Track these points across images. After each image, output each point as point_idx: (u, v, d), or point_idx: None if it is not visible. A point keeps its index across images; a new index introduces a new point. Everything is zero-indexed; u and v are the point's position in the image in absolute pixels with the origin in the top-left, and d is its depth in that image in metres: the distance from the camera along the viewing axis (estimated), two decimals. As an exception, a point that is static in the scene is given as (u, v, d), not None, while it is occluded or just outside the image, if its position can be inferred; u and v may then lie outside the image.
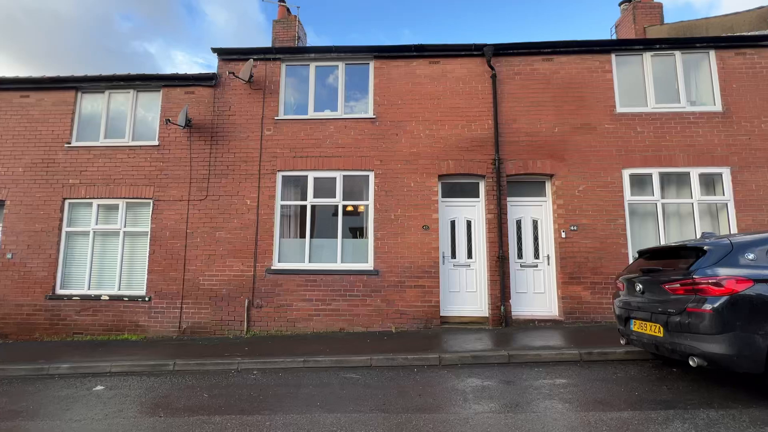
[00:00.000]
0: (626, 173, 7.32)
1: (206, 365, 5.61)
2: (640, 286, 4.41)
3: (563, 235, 7.19)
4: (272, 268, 7.38)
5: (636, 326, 4.50)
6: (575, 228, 7.19)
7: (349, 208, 7.67)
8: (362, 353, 5.71)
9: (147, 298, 7.40)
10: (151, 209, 7.70)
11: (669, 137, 7.34)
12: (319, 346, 6.20)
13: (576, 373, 4.77)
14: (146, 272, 7.51)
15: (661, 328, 4.03)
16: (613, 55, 7.67)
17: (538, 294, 7.36)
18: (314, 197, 7.61)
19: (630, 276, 4.74)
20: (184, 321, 7.34)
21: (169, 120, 7.72)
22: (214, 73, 7.96)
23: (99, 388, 4.88)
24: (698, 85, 7.65)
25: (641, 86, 7.62)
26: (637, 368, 4.86)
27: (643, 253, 4.97)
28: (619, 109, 7.50)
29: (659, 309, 4.05)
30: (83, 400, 4.45)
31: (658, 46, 7.60)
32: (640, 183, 7.38)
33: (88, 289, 7.61)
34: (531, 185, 7.71)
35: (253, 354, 5.95)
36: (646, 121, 7.42)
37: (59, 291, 7.61)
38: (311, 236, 7.54)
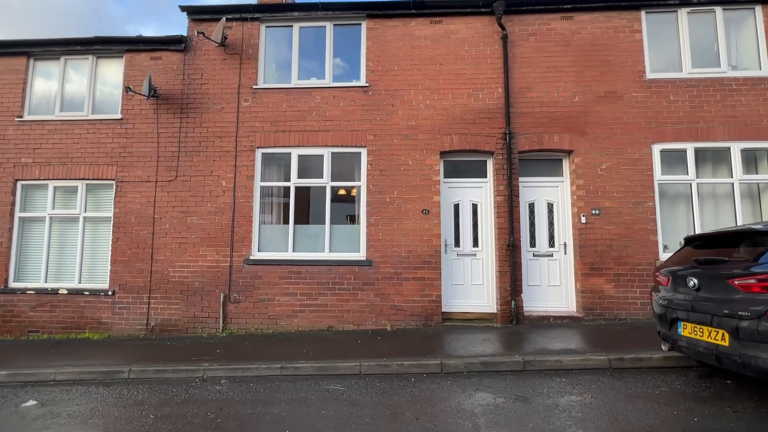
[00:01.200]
0: (656, 149, 6.36)
1: (167, 372, 4.76)
2: (695, 281, 3.51)
3: (583, 219, 6.27)
4: (251, 258, 6.50)
5: (686, 330, 3.61)
6: (597, 212, 6.27)
7: (341, 192, 6.75)
8: (350, 357, 4.86)
9: (110, 292, 6.54)
10: (113, 192, 6.78)
11: (707, 107, 6.35)
12: (303, 348, 5.36)
13: (608, 386, 3.91)
14: (109, 263, 6.63)
15: (727, 336, 3.15)
16: (643, 12, 6.62)
17: (553, 287, 6.48)
18: (299, 177, 6.68)
19: (678, 268, 3.84)
20: (153, 318, 6.49)
21: (129, 88, 6.73)
22: (182, 36, 6.94)
23: (30, 403, 4.04)
24: (742, 47, 6.61)
25: (675, 48, 6.60)
26: (682, 380, 4.00)
27: (691, 241, 4.06)
28: (650, 75, 6.50)
29: (725, 311, 3.16)
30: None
31: (695, 1, 6.54)
32: (672, 160, 6.42)
33: (45, 282, 6.75)
34: (546, 163, 6.76)
35: (224, 357, 5.10)
36: (681, 89, 6.42)
37: (12, 284, 6.75)
38: (295, 222, 6.63)
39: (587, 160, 6.38)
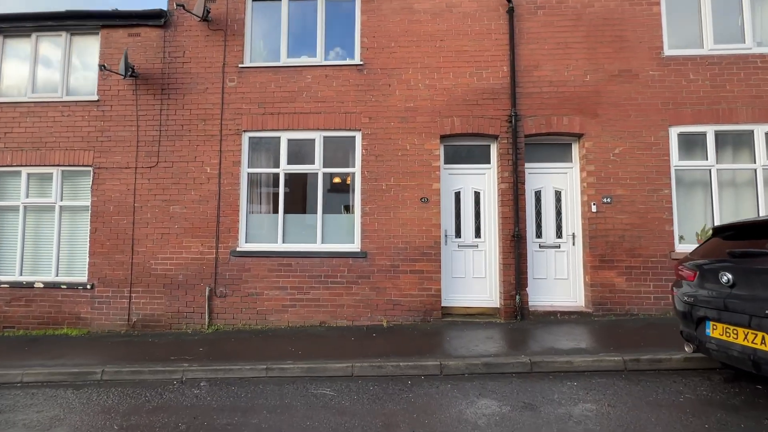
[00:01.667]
0: (674, 132, 5.89)
1: (143, 374, 4.39)
2: (728, 277, 3.10)
3: (594, 208, 5.84)
4: (238, 249, 6.09)
5: (717, 331, 3.21)
6: (609, 200, 5.83)
7: (336, 180, 6.30)
8: (342, 357, 4.49)
9: (89, 286, 6.15)
10: (91, 179, 6.34)
11: (729, 86, 5.87)
12: (292, 346, 4.98)
13: (625, 392, 3.53)
14: (87, 255, 6.22)
15: (769, 339, 2.75)
16: (661, -17, 6.09)
17: (561, 280, 6.08)
18: (288, 164, 6.23)
19: (706, 262, 3.42)
20: (134, 313, 6.11)
21: (104, 66, 6.24)
22: (162, 10, 6.41)
23: (-14, 410, 3.67)
24: (768, 21, 6.10)
25: (696, 23, 6.08)
26: (706, 384, 3.61)
27: (721, 231, 3.63)
28: (668, 52, 5.99)
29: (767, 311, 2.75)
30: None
31: (719, -30, 6.00)
32: (691, 144, 5.96)
33: (20, 275, 6.35)
34: (554, 148, 6.30)
35: (207, 357, 4.73)
36: (702, 66, 5.92)
37: (-15, 277, 6.36)
38: (285, 211, 6.20)
39: (599, 145, 5.92)
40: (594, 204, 5.84)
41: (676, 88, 5.91)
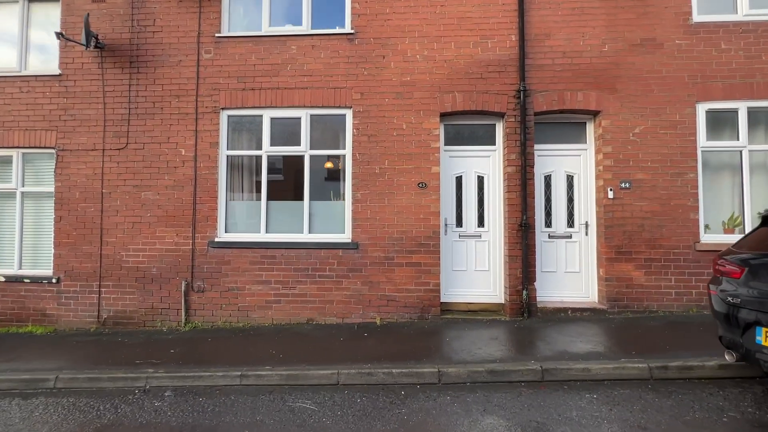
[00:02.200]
0: (702, 108, 5.27)
1: (101, 381, 3.88)
2: (790, 275, 2.53)
3: (610, 194, 5.25)
4: (217, 240, 5.53)
5: (771, 340, 2.66)
6: (627, 185, 5.25)
7: (329, 165, 5.71)
8: (328, 362, 3.97)
9: (54, 280, 5.61)
10: (54, 162, 5.74)
11: (766, 57, 5.22)
12: (273, 347, 4.47)
13: (656, 408, 3.00)
14: (52, 246, 5.67)
15: None
16: (691, -61, 5.39)
17: (572, 274, 5.54)
18: (272, 145, 5.62)
19: (758, 255, 2.86)
20: (105, 309, 5.59)
21: (62, 35, 5.58)
22: (129, -29, 5.72)
23: None
24: (811, -18, 5.41)
25: (729, -16, 5.40)
26: (749, 398, 3.09)
27: (773, 218, 3.06)
28: (697, 18, 5.33)
29: None
30: None
31: (757, -77, 5.29)
32: (719, 123, 5.34)
33: (-20, 267, 5.81)
34: (567, 127, 5.69)
35: (178, 360, 4.21)
36: (735, 35, 5.26)
37: (-58, 270, 5.82)
38: (269, 198, 5.62)
39: (617, 123, 5.31)
40: (611, 189, 5.26)
41: (706, 59, 5.26)
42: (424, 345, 4.37)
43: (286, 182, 5.78)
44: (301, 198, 5.57)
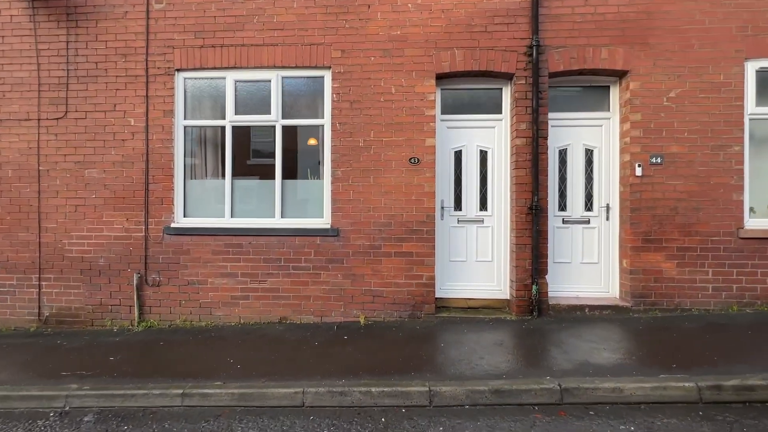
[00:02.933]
0: (751, 67, 4.38)
1: (11, 400, 3.12)
2: None
3: (638, 171, 4.41)
4: (173, 225, 4.72)
5: None
6: (659, 160, 4.40)
7: (312, 142, 4.86)
8: (294, 375, 3.21)
9: (-13, 272, 4.84)
10: (-17, 135, 4.89)
11: (832, 3, 4.31)
12: (233, 354, 3.71)
13: (718, 451, 2.24)
14: (-16, 233, 4.88)
15: None
16: None
17: (589, 265, 4.75)
18: (237, 114, 4.76)
19: None
20: (47, 306, 4.82)
21: (-23, -23, 4.66)
22: None
23: None
24: None
25: None
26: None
27: None
28: (749, -45, 4.39)
29: None
30: None
31: None
32: (771, 85, 4.47)
33: None
34: (586, 92, 4.81)
35: (114, 371, 3.46)
36: (795, -24, 4.33)
37: None
38: (234, 176, 4.79)
39: (648, 86, 4.43)
40: (639, 165, 4.41)
41: (759, 5, 4.34)
42: (413, 353, 3.60)
43: (253, 157, 4.94)
44: (271, 176, 4.73)
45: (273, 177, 4.72)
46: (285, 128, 4.75)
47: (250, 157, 4.98)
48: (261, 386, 3.06)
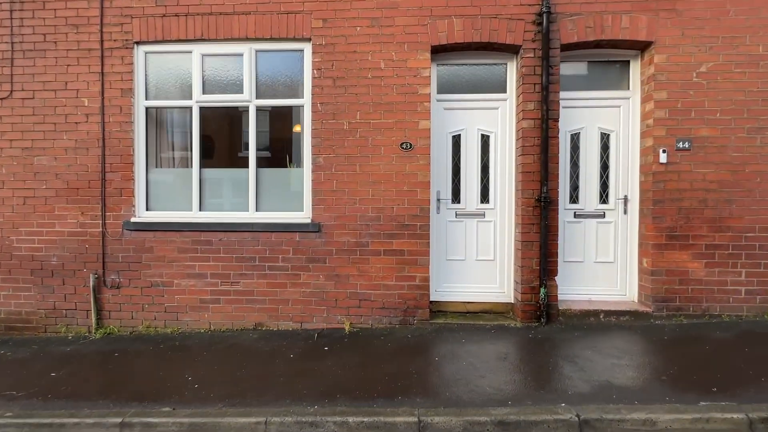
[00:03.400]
0: (795, 37, 3.80)
1: None
2: None
3: (662, 158, 3.85)
4: (134, 220, 4.17)
5: None
6: (686, 145, 3.84)
7: (297, 129, 4.29)
8: (260, 399, 2.69)
9: (-74, 273, 4.30)
10: None
11: None
12: (194, 370, 3.19)
13: None
14: None
15: None
16: None
17: (604, 264, 4.21)
18: (205, 93, 4.18)
19: None
20: (-6, 310, 4.30)
21: None
22: None
23: None
24: None
25: None
26: None
27: None
28: None
29: None
30: None
31: None
32: (816, 59, 3.88)
33: None
34: (602, 68, 4.24)
35: (49, 392, 2.94)
36: None
37: None
38: (202, 165, 4.23)
39: (676, 59, 3.85)
40: (663, 151, 3.85)
41: (806, -35, 3.75)
42: (402, 369, 3.07)
43: (225, 143, 4.38)
44: (244, 165, 4.17)
45: (246, 165, 4.16)
46: (259, 109, 4.18)
47: (220, 142, 4.42)
48: (217, 413, 2.54)
